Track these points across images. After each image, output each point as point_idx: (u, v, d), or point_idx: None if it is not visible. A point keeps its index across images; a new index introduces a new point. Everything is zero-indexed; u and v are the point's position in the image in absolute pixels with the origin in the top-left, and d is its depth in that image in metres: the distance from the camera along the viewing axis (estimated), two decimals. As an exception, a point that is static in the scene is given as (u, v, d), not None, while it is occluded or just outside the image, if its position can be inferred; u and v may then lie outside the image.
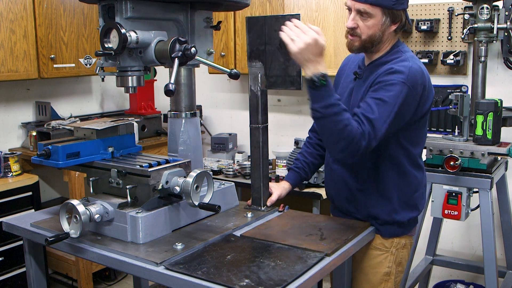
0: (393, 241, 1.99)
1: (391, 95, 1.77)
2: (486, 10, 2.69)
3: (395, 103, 1.76)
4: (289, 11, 3.42)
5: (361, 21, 1.85)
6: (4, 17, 3.19)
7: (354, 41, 1.90)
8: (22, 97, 3.77)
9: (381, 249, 2.00)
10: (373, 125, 1.74)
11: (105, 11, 1.78)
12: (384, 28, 1.86)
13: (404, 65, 1.81)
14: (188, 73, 2.01)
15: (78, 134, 2.04)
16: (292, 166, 2.26)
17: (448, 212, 2.67)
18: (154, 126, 4.22)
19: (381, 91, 1.79)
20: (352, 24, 1.87)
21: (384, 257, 2.00)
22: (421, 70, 1.83)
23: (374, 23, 1.84)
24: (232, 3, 1.98)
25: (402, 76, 1.78)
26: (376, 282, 2.01)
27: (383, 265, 2.00)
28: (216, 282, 1.47)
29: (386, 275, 2.00)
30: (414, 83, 1.79)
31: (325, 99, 1.71)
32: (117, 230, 1.78)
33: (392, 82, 1.78)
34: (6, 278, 3.21)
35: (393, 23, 1.86)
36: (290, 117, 4.03)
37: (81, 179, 3.43)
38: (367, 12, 1.82)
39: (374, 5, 1.81)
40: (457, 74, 3.27)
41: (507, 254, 3.07)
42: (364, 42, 1.88)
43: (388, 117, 1.76)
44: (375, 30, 1.85)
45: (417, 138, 1.95)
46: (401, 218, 1.96)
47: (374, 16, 1.83)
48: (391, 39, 1.92)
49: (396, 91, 1.77)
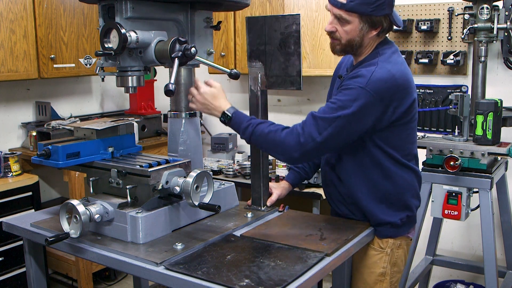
0: (388, 241, 1.98)
1: (345, 99, 1.76)
2: (486, 10, 2.69)
3: (347, 107, 1.74)
4: (289, 11, 3.42)
5: (339, 26, 1.85)
6: (4, 17, 3.18)
7: (335, 44, 1.91)
8: (22, 97, 3.77)
9: (376, 249, 1.99)
10: (315, 123, 1.77)
11: (105, 11, 1.78)
12: (362, 34, 1.84)
13: (368, 69, 1.79)
14: (188, 73, 2.01)
15: (78, 134, 2.04)
16: (292, 166, 2.26)
17: (448, 212, 2.67)
18: (154, 126, 4.21)
19: (338, 95, 1.80)
20: (330, 28, 1.88)
21: (379, 257, 1.98)
22: (388, 75, 1.77)
23: (352, 28, 1.83)
24: (232, 3, 1.98)
25: (362, 80, 1.76)
26: (371, 283, 1.99)
27: (378, 266, 1.98)
28: (216, 282, 1.47)
29: (381, 275, 1.99)
30: (377, 88, 1.75)
31: (240, 125, 1.90)
32: (117, 230, 1.78)
33: (350, 86, 1.77)
34: (6, 278, 3.21)
35: (373, 29, 1.84)
36: (290, 117, 4.03)
37: (81, 179, 3.43)
38: (343, 17, 1.82)
39: (350, 12, 1.80)
40: (457, 74, 3.27)
41: (507, 254, 3.07)
42: (344, 46, 1.88)
43: (334, 120, 1.75)
44: (353, 35, 1.85)
45: (397, 141, 1.90)
46: (393, 219, 1.94)
47: (351, 22, 1.82)
48: (373, 42, 1.89)
49: (352, 96, 1.75)
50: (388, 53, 1.87)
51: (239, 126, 1.89)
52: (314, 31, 3.35)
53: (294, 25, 1.95)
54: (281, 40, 1.98)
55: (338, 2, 1.81)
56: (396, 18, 1.87)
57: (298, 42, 1.95)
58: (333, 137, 1.77)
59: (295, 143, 1.78)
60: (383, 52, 1.88)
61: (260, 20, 2.03)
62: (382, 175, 1.91)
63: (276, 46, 1.99)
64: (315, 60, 3.38)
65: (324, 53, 3.34)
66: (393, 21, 1.86)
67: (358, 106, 1.74)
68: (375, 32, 1.85)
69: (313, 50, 3.38)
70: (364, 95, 1.74)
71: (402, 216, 1.96)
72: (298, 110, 4.00)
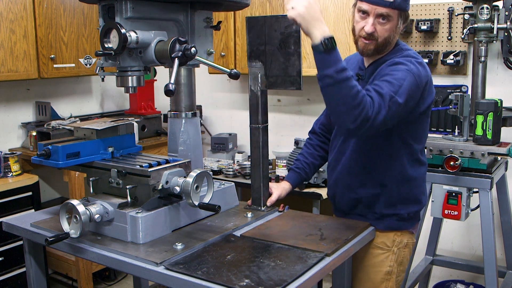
0: (394, 240, 2.00)
1: (397, 77, 1.77)
2: (486, 10, 2.69)
3: (401, 84, 1.76)
4: (289, 11, 3.42)
5: (379, 25, 1.86)
6: (4, 17, 3.19)
7: (369, 45, 1.89)
8: (22, 97, 3.77)
9: (382, 248, 2.01)
10: (383, 98, 1.71)
11: (105, 11, 1.78)
12: (397, 29, 1.90)
13: (406, 58, 1.85)
14: (188, 73, 2.01)
15: (78, 134, 2.04)
16: (292, 166, 2.26)
17: (448, 212, 2.67)
18: (154, 126, 4.22)
19: (386, 76, 1.79)
20: (372, 29, 1.86)
21: (386, 256, 2.00)
22: (423, 64, 1.86)
23: (392, 26, 1.86)
24: (232, 3, 1.98)
25: (405, 66, 1.81)
26: (378, 281, 2.01)
27: (385, 264, 2.00)
28: (216, 282, 1.47)
29: (388, 274, 2.01)
30: (418, 73, 1.81)
31: (337, 63, 1.64)
32: (117, 230, 1.78)
33: (397, 68, 1.80)
34: (6, 278, 3.21)
35: (404, 24, 1.91)
36: (290, 117, 4.03)
37: (81, 179, 3.43)
38: (389, 15, 1.84)
39: (395, 9, 1.83)
40: (457, 74, 3.27)
41: (507, 254, 3.07)
42: (380, 45, 1.89)
43: (395, 93, 1.74)
44: (390, 32, 1.88)
45: (419, 133, 1.97)
46: (400, 211, 1.98)
47: (393, 19, 1.85)
48: (396, 39, 1.95)
49: (402, 75, 1.78)
50: (411, 49, 1.95)
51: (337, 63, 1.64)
52: (314, 31, 3.35)
53: (294, 25, 1.94)
54: (281, 40, 1.98)
55: (386, 2, 1.81)
56: None
57: (298, 42, 1.96)
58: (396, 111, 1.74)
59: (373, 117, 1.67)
60: (405, 47, 1.95)
61: (260, 20, 2.03)
62: (399, 170, 1.95)
63: (276, 46, 1.99)
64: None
65: (324, 53, 3.33)
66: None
67: (408, 84, 1.77)
68: (402, 27, 1.92)
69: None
70: (410, 77, 1.78)
71: (410, 210, 1.99)
72: (298, 110, 4.00)
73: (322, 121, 2.29)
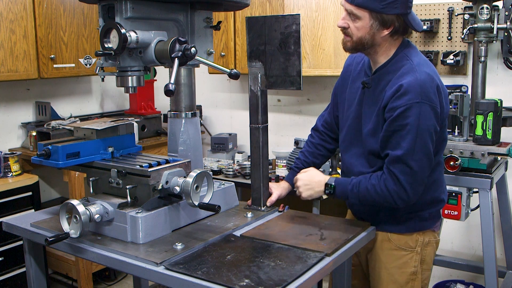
0: (417, 240, 1.98)
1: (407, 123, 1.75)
2: (486, 10, 2.69)
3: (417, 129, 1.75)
4: (289, 11, 3.42)
5: (351, 22, 1.83)
6: (4, 17, 3.18)
7: (347, 42, 1.88)
8: (22, 97, 3.77)
9: (405, 249, 1.98)
10: (400, 161, 1.77)
11: (105, 11, 1.78)
12: (373, 32, 1.81)
13: (412, 80, 1.76)
14: (188, 73, 2.01)
15: (78, 134, 2.04)
16: (292, 165, 2.26)
17: (448, 212, 2.67)
18: (154, 126, 4.22)
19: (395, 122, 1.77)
20: (342, 24, 1.85)
21: (410, 257, 1.98)
22: (430, 77, 1.78)
23: (362, 25, 1.80)
24: (232, 3, 1.98)
25: (412, 96, 1.74)
26: (403, 282, 1.99)
27: (409, 265, 1.98)
28: (216, 282, 1.47)
29: (413, 274, 1.99)
30: (428, 94, 1.75)
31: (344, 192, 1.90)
32: (117, 230, 1.78)
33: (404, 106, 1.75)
34: (6, 278, 3.21)
35: (384, 28, 1.80)
36: (290, 117, 4.03)
37: (81, 179, 3.43)
38: (354, 13, 1.80)
39: (360, 7, 1.78)
40: (457, 74, 3.27)
41: (507, 254, 3.07)
42: (356, 43, 1.85)
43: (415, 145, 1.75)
44: (363, 33, 1.81)
45: (440, 142, 1.91)
46: (422, 213, 1.96)
47: (362, 19, 1.79)
48: (388, 44, 1.86)
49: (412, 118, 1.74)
50: (417, 56, 1.86)
51: (345, 192, 1.90)
52: (314, 31, 3.35)
53: (294, 25, 1.95)
54: (281, 40, 1.98)
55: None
56: (414, 20, 1.83)
57: (298, 42, 1.95)
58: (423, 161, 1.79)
59: (399, 188, 1.80)
60: (409, 54, 1.86)
61: (260, 20, 2.03)
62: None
63: (276, 46, 1.99)
64: (315, 60, 3.38)
65: (324, 53, 3.34)
66: (408, 22, 1.81)
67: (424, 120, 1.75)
68: (387, 32, 1.81)
69: (313, 50, 3.38)
70: (418, 107, 1.74)
71: (432, 210, 1.98)
72: (298, 110, 4.00)
73: (326, 118, 2.24)
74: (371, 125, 1.88)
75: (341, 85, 2.09)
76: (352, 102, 1.99)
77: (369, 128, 1.89)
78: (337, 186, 1.91)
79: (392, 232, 1.98)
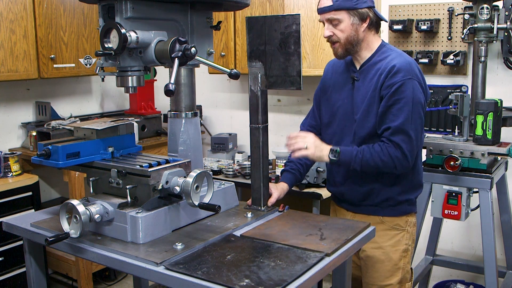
0: (407, 221, 2.18)
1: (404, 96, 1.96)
2: (486, 10, 2.69)
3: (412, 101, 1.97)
4: (289, 11, 3.42)
5: (334, 28, 2.03)
6: (4, 17, 3.19)
7: (337, 49, 2.07)
8: (22, 97, 3.77)
9: (397, 228, 2.17)
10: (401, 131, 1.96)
11: (105, 11, 1.78)
12: (356, 28, 2.02)
13: (401, 61, 2.00)
14: (188, 73, 2.01)
15: (78, 134, 2.04)
16: (287, 168, 2.30)
17: (448, 212, 2.67)
18: (154, 126, 4.22)
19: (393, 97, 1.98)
20: (328, 33, 2.05)
21: (402, 236, 2.17)
22: (414, 61, 2.04)
23: (345, 26, 2.01)
24: (232, 3, 1.98)
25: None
26: (397, 259, 2.17)
27: (402, 243, 2.18)
28: (216, 282, 1.47)
29: (405, 251, 2.19)
30: (416, 73, 2.00)
31: (349, 157, 2.00)
32: (117, 230, 1.78)
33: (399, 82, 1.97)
34: (6, 278, 3.21)
35: (363, 22, 2.02)
36: (290, 117, 4.03)
37: (81, 179, 3.43)
38: (335, 18, 2.00)
39: (337, 10, 1.99)
40: (457, 74, 3.27)
41: (507, 254, 3.07)
42: (345, 45, 2.04)
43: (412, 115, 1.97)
44: (348, 32, 2.02)
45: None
46: (411, 196, 2.16)
47: (343, 20, 2.00)
48: (370, 37, 2.07)
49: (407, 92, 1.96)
50: (397, 50, 2.11)
51: (349, 158, 2.01)
52: (314, 31, 3.35)
53: (294, 25, 1.95)
54: (281, 40, 1.98)
55: (325, 7, 2.00)
56: (378, 13, 2.07)
57: (298, 42, 1.96)
58: (418, 130, 2.00)
59: (401, 155, 1.98)
60: (391, 48, 2.11)
61: (260, 20, 2.03)
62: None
63: (276, 46, 1.99)
64: (315, 60, 3.38)
65: (324, 53, 3.34)
66: (378, 13, 2.06)
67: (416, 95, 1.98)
68: (365, 25, 2.03)
69: (313, 50, 3.38)
70: (411, 82, 1.97)
71: (417, 194, 2.20)
72: (298, 110, 4.00)
73: (310, 122, 2.34)
74: (364, 108, 2.05)
75: (322, 90, 2.27)
76: (338, 98, 2.16)
77: (362, 112, 2.06)
78: (342, 151, 2.01)
79: (385, 216, 2.16)
